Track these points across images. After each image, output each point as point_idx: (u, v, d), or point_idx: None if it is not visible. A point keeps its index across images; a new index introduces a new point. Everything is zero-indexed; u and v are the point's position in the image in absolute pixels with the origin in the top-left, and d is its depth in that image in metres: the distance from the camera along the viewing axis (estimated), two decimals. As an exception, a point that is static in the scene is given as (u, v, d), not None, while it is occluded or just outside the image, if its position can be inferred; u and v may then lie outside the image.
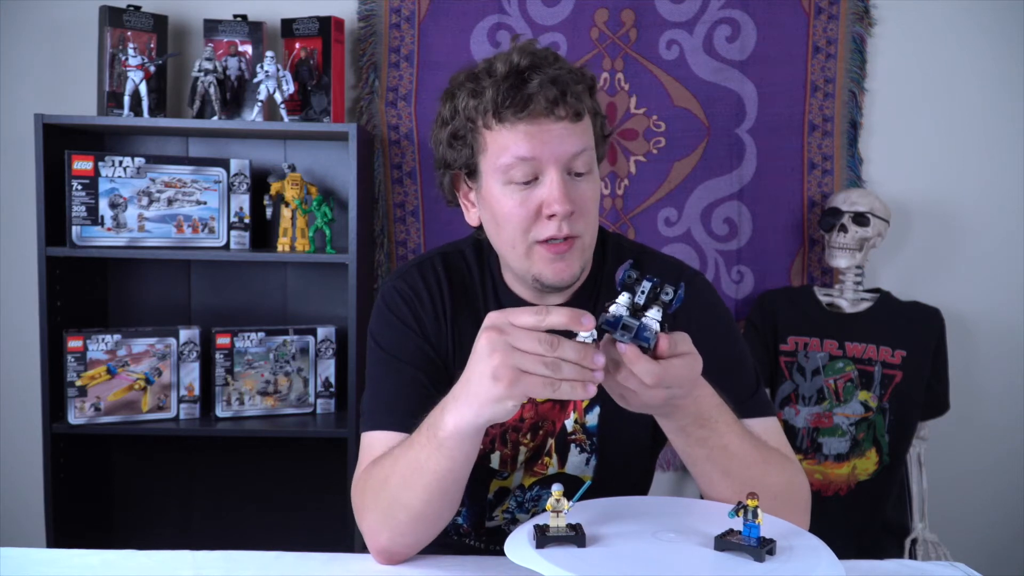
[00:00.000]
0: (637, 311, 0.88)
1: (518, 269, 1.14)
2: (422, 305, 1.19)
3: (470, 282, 1.22)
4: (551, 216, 1.07)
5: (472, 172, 1.13)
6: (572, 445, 1.20)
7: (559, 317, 0.86)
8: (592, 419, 1.20)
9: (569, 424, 1.20)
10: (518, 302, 1.19)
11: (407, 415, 1.08)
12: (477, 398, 0.89)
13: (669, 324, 0.90)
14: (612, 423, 1.18)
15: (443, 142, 1.15)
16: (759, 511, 0.86)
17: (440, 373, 1.17)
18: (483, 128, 1.09)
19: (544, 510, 0.89)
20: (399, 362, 1.16)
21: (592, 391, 0.87)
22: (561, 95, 1.05)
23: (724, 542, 0.87)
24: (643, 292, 0.88)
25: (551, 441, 1.21)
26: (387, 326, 1.19)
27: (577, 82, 1.08)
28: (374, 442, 1.12)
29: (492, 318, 0.89)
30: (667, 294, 0.88)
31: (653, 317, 0.87)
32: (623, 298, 0.88)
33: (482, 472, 1.21)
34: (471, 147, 1.11)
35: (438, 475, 0.98)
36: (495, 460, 1.21)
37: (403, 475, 1.01)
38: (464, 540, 1.26)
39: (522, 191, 1.08)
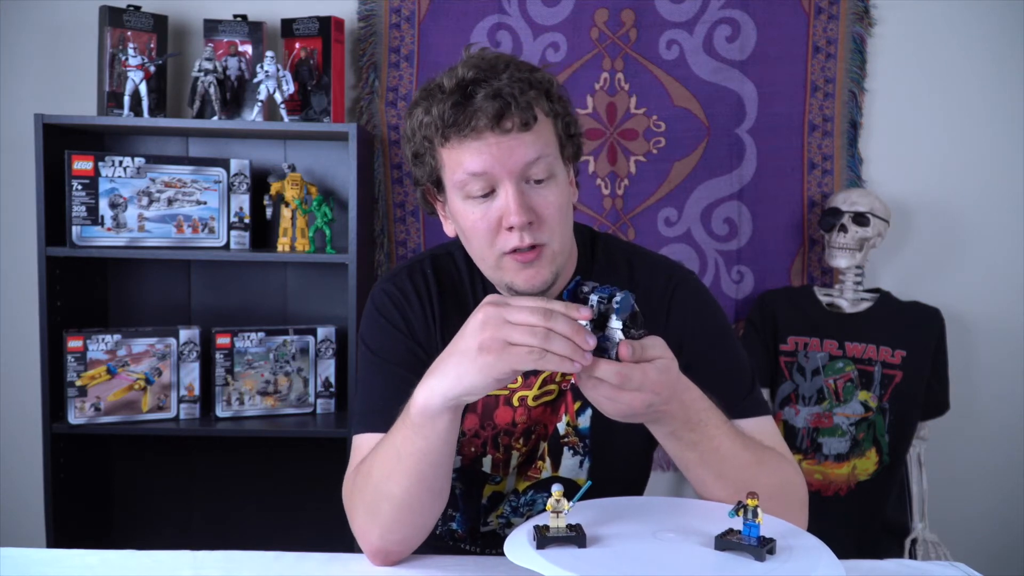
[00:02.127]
0: (601, 324, 0.90)
1: (492, 279, 1.14)
2: (411, 308, 1.19)
3: (459, 283, 1.22)
4: (511, 228, 1.06)
5: (439, 186, 1.14)
6: (565, 448, 1.20)
7: (557, 304, 0.89)
8: (584, 421, 1.19)
9: (561, 427, 1.20)
10: None
11: (396, 417, 1.08)
12: (457, 368, 0.91)
13: (640, 329, 0.91)
14: (604, 425, 1.17)
15: (409, 159, 1.15)
16: (759, 510, 0.86)
17: None
18: (438, 146, 1.09)
19: (539, 514, 0.89)
20: (389, 365, 1.16)
21: (577, 367, 0.88)
22: (505, 107, 1.03)
23: (724, 542, 0.87)
24: (592, 306, 0.89)
25: (543, 445, 1.20)
26: (377, 329, 1.20)
27: (525, 90, 1.06)
28: (363, 444, 1.12)
29: (490, 297, 0.92)
30: (616, 302, 0.89)
31: (615, 327, 0.89)
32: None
33: (475, 476, 1.21)
34: (430, 165, 1.11)
35: (415, 458, 0.99)
36: (487, 464, 1.21)
37: (383, 464, 1.02)
38: (460, 545, 1.26)
39: (481, 204, 1.07)
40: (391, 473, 1.01)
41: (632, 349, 0.89)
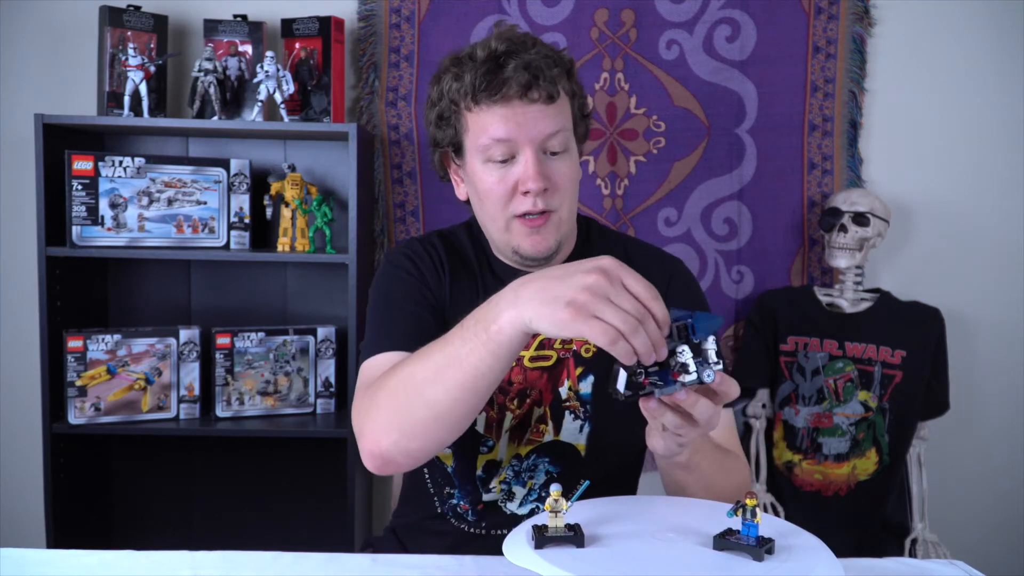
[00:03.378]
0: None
1: (499, 242, 1.22)
2: (423, 263, 1.26)
3: (464, 253, 1.30)
4: (526, 192, 1.15)
5: (458, 150, 1.22)
6: (566, 412, 1.23)
7: (659, 310, 0.86)
8: (586, 387, 1.23)
9: (563, 391, 1.23)
10: (508, 270, 1.26)
11: (413, 341, 1.08)
12: (541, 304, 0.87)
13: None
14: (605, 392, 1.18)
15: (432, 122, 1.23)
16: (757, 510, 0.86)
17: (440, 317, 1.22)
18: (465, 110, 1.17)
19: (539, 481, 0.88)
20: (404, 301, 1.22)
21: (632, 360, 0.85)
22: (534, 79, 1.12)
23: (723, 542, 0.87)
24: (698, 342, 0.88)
25: (538, 410, 1.23)
26: (392, 277, 1.26)
27: (552, 66, 1.15)
28: (381, 362, 1.12)
29: (609, 264, 0.87)
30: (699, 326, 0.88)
31: (709, 348, 0.88)
32: (688, 352, 0.87)
33: (467, 439, 1.19)
34: (455, 127, 1.20)
35: (477, 371, 0.94)
36: (480, 423, 1.22)
37: (435, 369, 0.98)
38: (461, 527, 1.25)
39: (500, 169, 1.16)
40: (442, 379, 0.97)
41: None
